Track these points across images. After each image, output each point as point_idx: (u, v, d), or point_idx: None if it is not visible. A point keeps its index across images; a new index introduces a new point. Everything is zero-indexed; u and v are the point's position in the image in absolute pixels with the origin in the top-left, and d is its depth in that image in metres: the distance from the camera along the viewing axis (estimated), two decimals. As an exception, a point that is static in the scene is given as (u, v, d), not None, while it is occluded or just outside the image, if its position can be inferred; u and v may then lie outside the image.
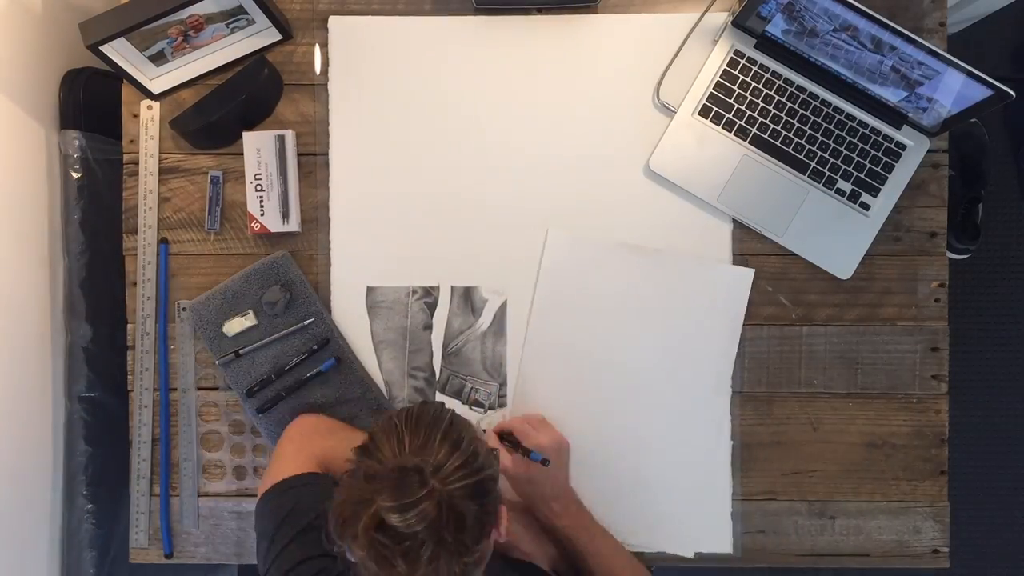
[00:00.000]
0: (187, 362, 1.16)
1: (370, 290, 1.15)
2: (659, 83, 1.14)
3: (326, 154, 1.15)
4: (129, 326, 1.16)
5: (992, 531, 1.85)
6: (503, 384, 1.14)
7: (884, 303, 1.14)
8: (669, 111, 1.13)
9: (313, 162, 1.15)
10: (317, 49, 1.15)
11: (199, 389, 1.16)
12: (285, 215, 1.13)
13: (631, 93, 1.14)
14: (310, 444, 1.06)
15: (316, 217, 1.15)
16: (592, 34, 1.14)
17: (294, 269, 1.14)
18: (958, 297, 1.17)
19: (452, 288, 1.14)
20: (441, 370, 1.15)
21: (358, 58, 1.15)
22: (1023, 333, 1.83)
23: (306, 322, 1.13)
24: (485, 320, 1.14)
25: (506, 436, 1.07)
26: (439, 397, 1.15)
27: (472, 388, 1.14)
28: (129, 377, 1.16)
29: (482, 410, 1.15)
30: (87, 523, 1.17)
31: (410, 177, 1.15)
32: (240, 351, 1.13)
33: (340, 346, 1.14)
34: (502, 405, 1.15)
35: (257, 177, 1.12)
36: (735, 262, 1.14)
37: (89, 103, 1.17)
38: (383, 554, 0.75)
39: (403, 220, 1.15)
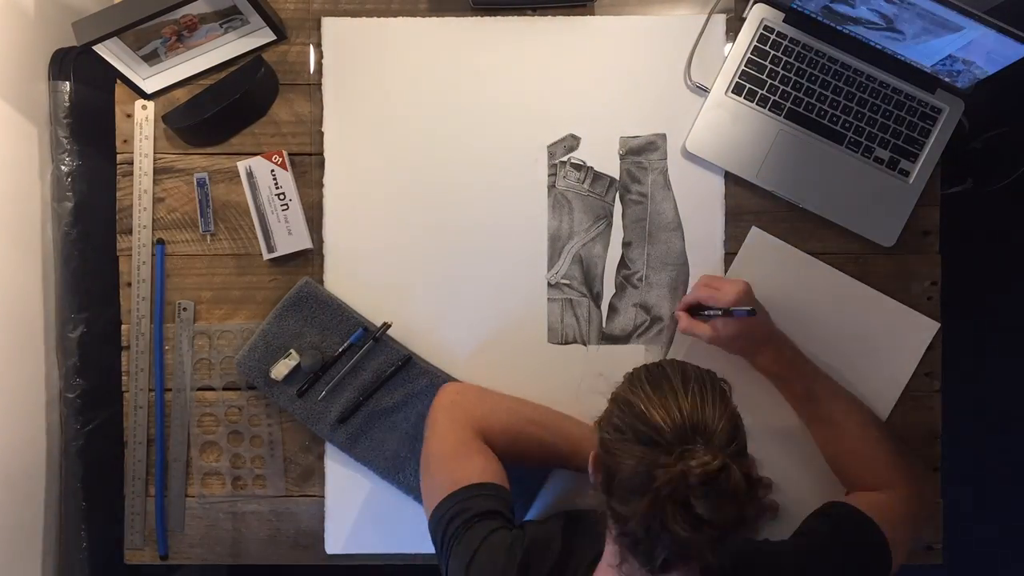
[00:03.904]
0: (182, 362, 1.15)
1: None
2: (688, 65, 1.13)
3: (321, 154, 1.15)
4: (124, 327, 1.16)
5: (985, 528, 1.86)
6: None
7: (877, 301, 1.14)
8: (702, 92, 1.13)
9: (308, 162, 1.15)
10: (311, 49, 1.15)
11: (196, 390, 1.16)
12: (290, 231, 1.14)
13: (635, 89, 1.14)
14: (463, 413, 1.04)
15: (311, 217, 1.15)
16: (588, 34, 1.14)
17: (321, 292, 1.13)
18: (951, 295, 1.16)
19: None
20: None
21: (352, 59, 1.15)
22: (1016, 330, 1.84)
23: (352, 339, 1.13)
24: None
25: (695, 310, 1.07)
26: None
27: None
28: (124, 378, 1.16)
29: None
30: (81, 522, 1.16)
31: (404, 177, 1.15)
32: (309, 389, 1.14)
33: (397, 350, 1.13)
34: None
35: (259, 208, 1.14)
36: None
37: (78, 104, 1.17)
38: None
39: (397, 220, 1.15)
